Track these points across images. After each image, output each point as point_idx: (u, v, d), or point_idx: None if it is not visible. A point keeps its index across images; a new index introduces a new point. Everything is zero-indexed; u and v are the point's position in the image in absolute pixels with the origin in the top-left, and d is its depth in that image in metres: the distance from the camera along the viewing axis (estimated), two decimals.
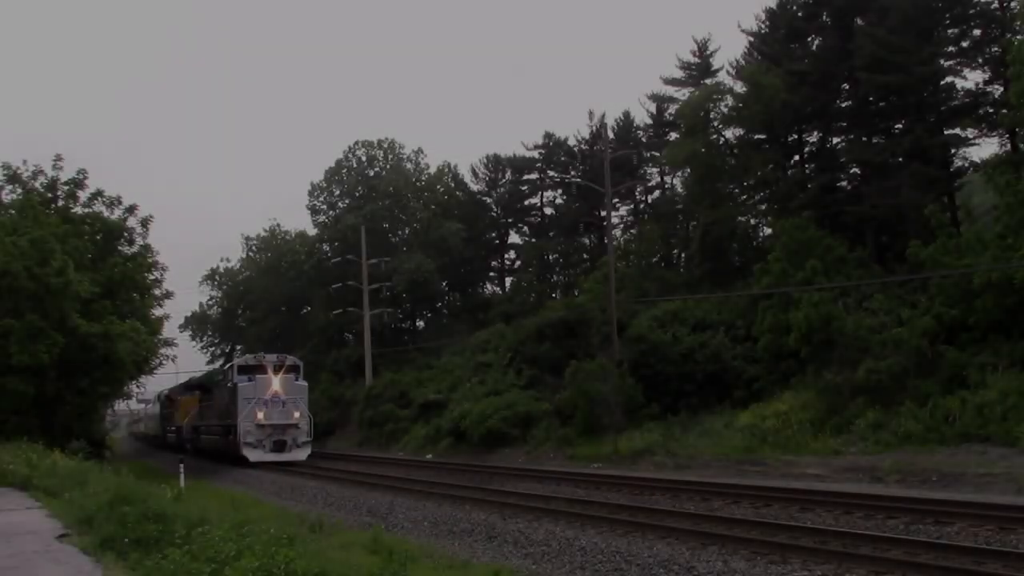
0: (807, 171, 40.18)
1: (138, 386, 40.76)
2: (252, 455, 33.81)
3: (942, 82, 34.76)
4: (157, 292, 35.41)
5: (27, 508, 15.80)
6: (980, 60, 34.79)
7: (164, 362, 36.61)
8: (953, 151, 35.30)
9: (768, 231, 42.79)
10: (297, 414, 34.74)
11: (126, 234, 34.64)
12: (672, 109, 51.31)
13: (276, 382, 34.43)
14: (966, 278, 26.65)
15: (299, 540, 10.49)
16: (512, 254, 65.76)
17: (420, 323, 65.19)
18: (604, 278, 37.56)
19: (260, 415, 33.92)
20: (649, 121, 55.54)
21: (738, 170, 41.97)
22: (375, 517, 17.72)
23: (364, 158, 63.94)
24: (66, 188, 34.22)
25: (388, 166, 63.39)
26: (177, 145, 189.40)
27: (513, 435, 35.78)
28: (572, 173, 57.47)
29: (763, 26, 42.66)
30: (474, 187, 64.25)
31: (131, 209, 34.72)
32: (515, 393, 38.01)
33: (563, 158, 59.53)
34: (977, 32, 34.97)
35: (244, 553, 8.69)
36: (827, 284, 29.65)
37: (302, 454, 34.76)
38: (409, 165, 63.88)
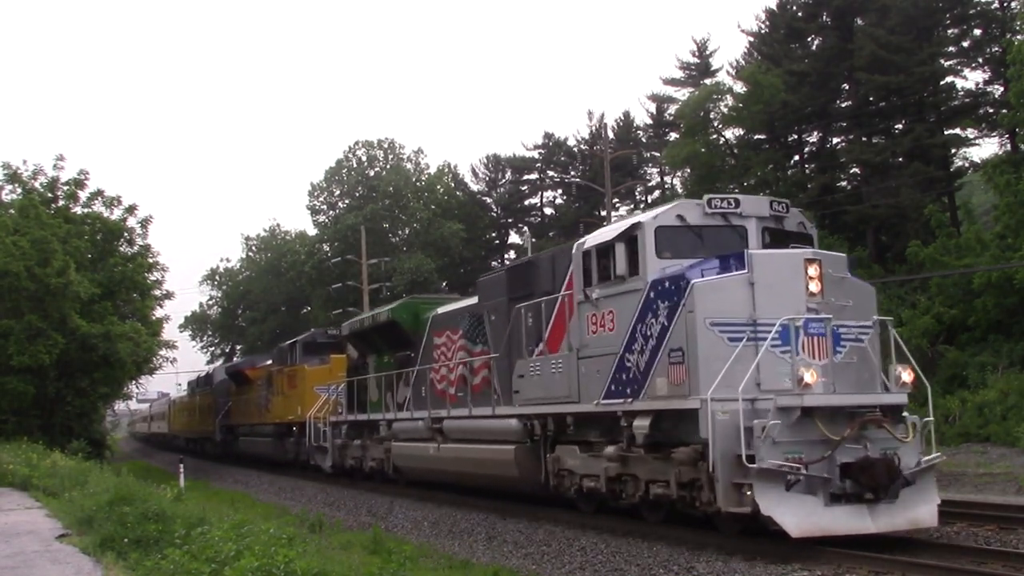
0: (807, 171, 40.20)
1: (138, 386, 40.67)
2: (796, 519, 10.28)
3: (942, 82, 34.81)
4: (157, 293, 35.37)
5: (27, 508, 15.81)
6: (980, 60, 34.85)
7: (164, 364, 36.49)
8: (953, 151, 35.35)
9: None
10: (907, 377, 11.48)
11: (126, 234, 34.61)
12: (672, 109, 51.36)
13: (814, 275, 11.22)
14: (966, 278, 26.66)
15: (299, 540, 10.50)
16: (512, 254, 65.82)
17: None
18: None
19: (809, 377, 10.60)
20: (649, 121, 55.63)
21: (738, 170, 41.97)
22: (375, 517, 17.71)
23: (364, 158, 64.01)
24: (66, 188, 34.21)
25: (388, 166, 63.43)
26: (177, 145, 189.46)
27: None
28: (572, 173, 57.53)
29: (763, 26, 42.70)
30: (474, 187, 64.36)
31: (131, 209, 34.72)
32: None
33: (563, 158, 59.58)
34: (977, 32, 35.03)
35: (244, 553, 8.70)
36: None
37: (928, 510, 11.13)
38: (409, 165, 63.94)
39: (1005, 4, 34.09)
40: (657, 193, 56.06)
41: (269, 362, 32.48)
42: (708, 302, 11.08)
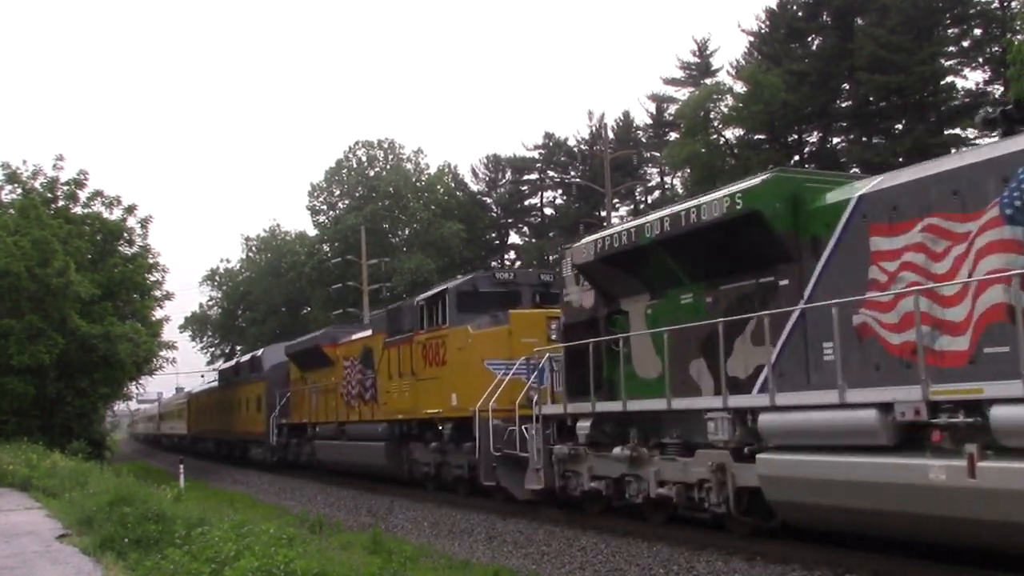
0: None
1: (138, 386, 40.63)
2: None
3: (942, 82, 34.85)
4: (157, 293, 35.36)
5: (27, 508, 15.80)
6: (980, 60, 34.90)
7: (164, 364, 36.47)
8: (953, 151, 35.38)
9: None
10: None
11: (126, 234, 34.61)
12: (672, 109, 51.41)
13: None
14: None
15: (299, 540, 10.49)
16: (512, 254, 65.86)
17: None
18: None
19: None
20: (649, 121, 55.75)
21: (738, 170, 42.01)
22: (375, 517, 17.70)
23: (364, 158, 64.12)
24: (66, 188, 34.22)
25: (388, 166, 63.53)
26: (177, 146, 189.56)
27: None
28: (572, 173, 57.62)
29: (763, 26, 42.78)
30: (474, 187, 64.51)
31: (130, 209, 34.68)
32: None
33: (563, 158, 59.69)
34: (977, 32, 35.09)
35: (244, 553, 8.69)
36: None
37: None
38: (409, 165, 64.02)
39: (1005, 4, 34.13)
40: (657, 193, 56.12)
41: (367, 333, 23.32)
42: None
